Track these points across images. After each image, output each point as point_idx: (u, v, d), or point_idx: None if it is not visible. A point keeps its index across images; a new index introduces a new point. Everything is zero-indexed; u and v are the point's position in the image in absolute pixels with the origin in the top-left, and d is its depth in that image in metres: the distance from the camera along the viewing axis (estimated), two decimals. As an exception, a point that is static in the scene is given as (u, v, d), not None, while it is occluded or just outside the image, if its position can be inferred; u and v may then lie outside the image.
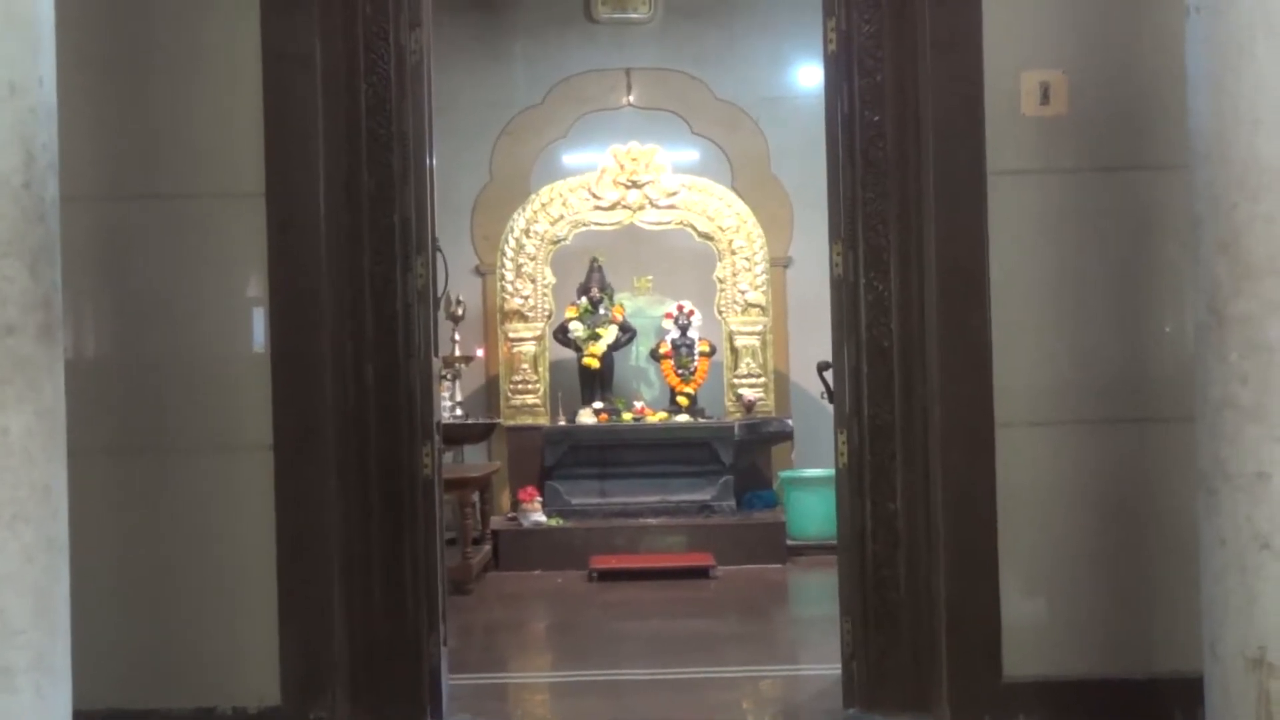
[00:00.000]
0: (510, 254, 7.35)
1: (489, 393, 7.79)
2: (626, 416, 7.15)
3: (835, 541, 3.38)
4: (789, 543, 6.72)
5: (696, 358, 7.34)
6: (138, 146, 2.96)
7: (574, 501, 6.84)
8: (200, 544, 2.95)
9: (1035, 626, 2.99)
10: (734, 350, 7.37)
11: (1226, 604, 2.17)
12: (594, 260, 7.43)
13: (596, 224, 7.40)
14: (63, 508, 1.92)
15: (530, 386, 7.30)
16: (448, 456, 6.80)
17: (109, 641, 2.89)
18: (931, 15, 3.03)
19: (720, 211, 7.40)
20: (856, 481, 3.24)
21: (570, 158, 7.85)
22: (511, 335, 7.33)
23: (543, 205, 7.39)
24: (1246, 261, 2.17)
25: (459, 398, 7.04)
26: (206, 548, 2.95)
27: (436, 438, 3.29)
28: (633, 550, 6.55)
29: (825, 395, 3.91)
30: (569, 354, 7.45)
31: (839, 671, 3.30)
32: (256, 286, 2.99)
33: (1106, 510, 2.99)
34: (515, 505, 6.86)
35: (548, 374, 7.36)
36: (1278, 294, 2.14)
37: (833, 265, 3.32)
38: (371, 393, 3.14)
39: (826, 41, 3.25)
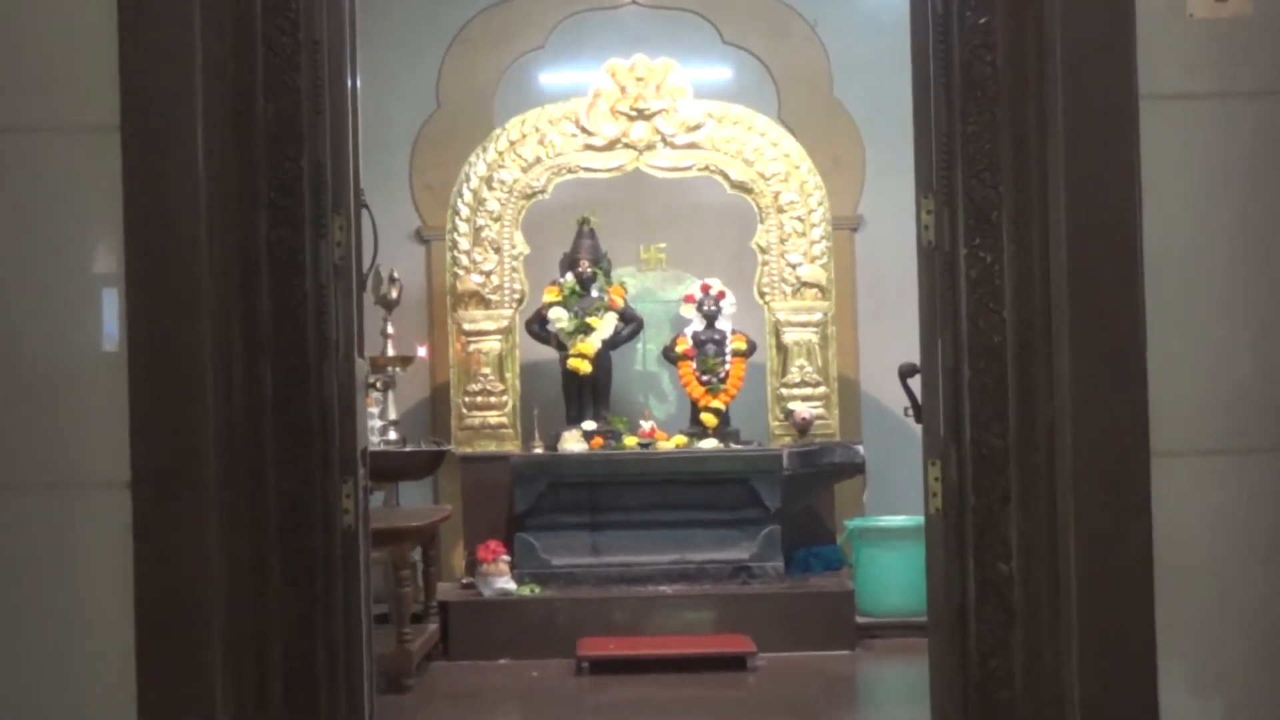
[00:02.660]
0: (465, 213, 7.36)
1: (435, 408, 7.81)
2: (629, 442, 7.16)
3: (924, 619, 3.38)
4: (859, 620, 6.73)
5: (729, 359, 7.36)
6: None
7: (555, 562, 6.85)
8: (24, 620, 2.95)
9: (1208, 739, 2.99)
10: (781, 348, 7.38)
11: None
12: (583, 221, 7.45)
13: (587, 170, 7.42)
14: None
15: (494, 399, 7.32)
16: (377, 498, 6.82)
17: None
18: (1060, -126, 3.03)
19: (762, 152, 7.41)
20: (955, 533, 3.23)
21: (550, 76, 7.88)
22: (468, 327, 7.34)
23: (511, 144, 7.41)
24: None
25: (393, 415, 7.06)
26: (33, 625, 2.95)
27: (362, 471, 3.29)
28: (638, 631, 6.56)
29: (910, 411, 3.90)
30: (548, 353, 7.47)
31: (930, 803, 3.30)
32: (107, 258, 2.99)
33: (1309, 574, 2.99)
34: (473, 567, 6.87)
35: (518, 382, 7.38)
36: None
37: (920, 228, 3.32)
38: (269, 408, 3.15)
39: (912, -88, 3.26)
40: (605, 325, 7.29)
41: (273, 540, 3.14)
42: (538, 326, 7.41)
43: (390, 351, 7.08)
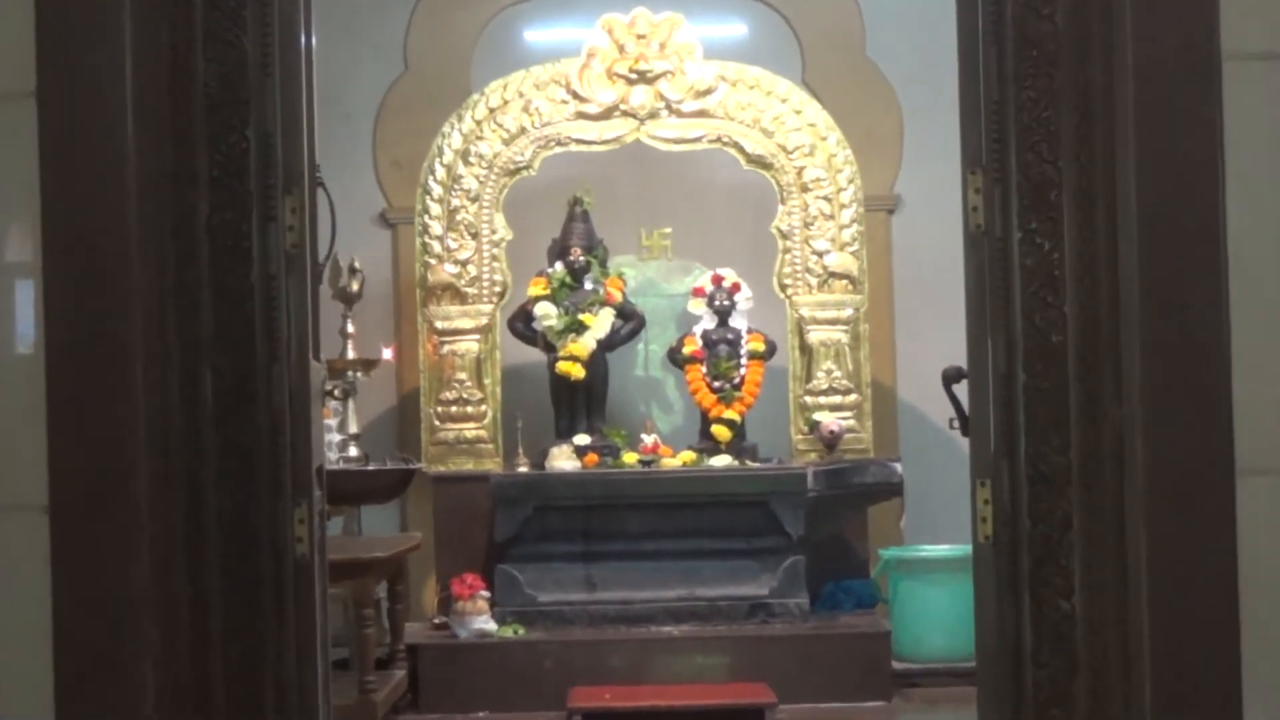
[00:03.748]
0: (438, 192, 7.37)
1: (403, 420, 7.81)
2: (629, 459, 7.16)
3: (972, 664, 3.37)
4: (897, 666, 6.72)
5: (744, 362, 7.36)
6: None
7: (543, 599, 6.85)
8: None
9: (1303, 804, 2.98)
10: (806, 349, 7.38)
11: None
12: (575, 202, 7.45)
13: (580, 143, 7.42)
14: None
15: (471, 410, 7.32)
16: (336, 524, 6.82)
17: None
18: None
19: (783, 122, 7.41)
20: (1008, 565, 3.23)
21: (537, 33, 7.88)
22: (441, 325, 7.35)
23: (491, 112, 7.41)
24: None
25: (354, 428, 7.06)
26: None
27: (318, 493, 3.29)
28: (639, 679, 6.56)
29: (956, 423, 3.90)
30: (535, 356, 7.47)
31: None
32: (21, 244, 2.99)
33: None
34: (446, 605, 6.87)
35: (499, 389, 7.38)
36: None
37: (968, 210, 3.32)
38: (210, 420, 3.14)
39: None
40: (601, 323, 7.29)
41: (214, 574, 3.14)
42: (522, 325, 7.40)
43: (351, 354, 7.08)
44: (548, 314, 7.26)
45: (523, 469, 7.15)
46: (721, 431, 7.26)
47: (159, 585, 3.06)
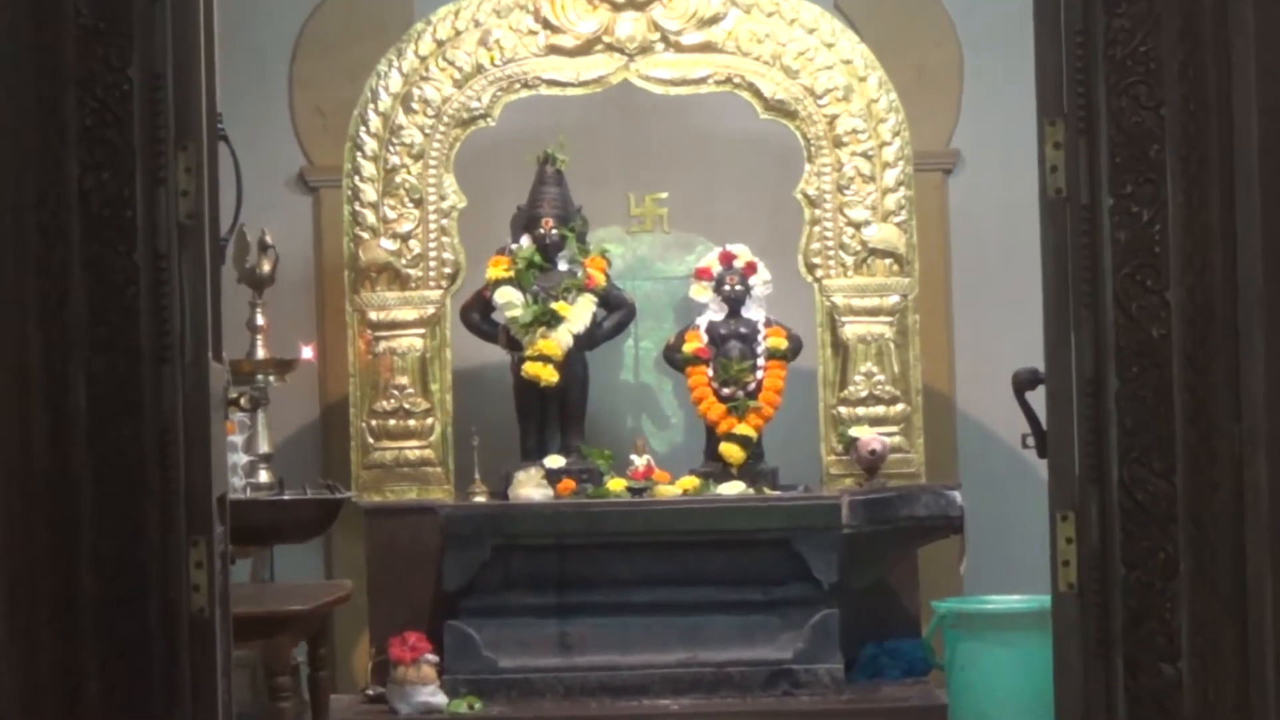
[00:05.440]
0: (371, 147, 7.36)
1: (328, 436, 7.78)
2: (614, 485, 7.14)
3: (1051, 746, 3.38)
4: (955, 749, 6.72)
5: (762, 363, 7.34)
6: None
7: (505, 664, 6.84)
8: None
9: None
10: (839, 347, 7.38)
11: None
12: (546, 160, 7.43)
13: (553, 85, 7.41)
14: None
15: (414, 423, 7.30)
16: (242, 568, 6.80)
17: None
18: None
19: (811, 58, 7.41)
20: (1096, 620, 3.23)
21: (497, -53, 7.86)
22: (376, 317, 7.33)
23: (439, 46, 7.40)
24: None
25: (265, 447, 7.04)
26: None
27: (219, 529, 3.28)
28: (628, 766, 6.55)
29: (1031, 441, 3.89)
30: (495, 356, 7.45)
31: None
32: None
33: None
34: (384, 671, 6.85)
35: (449, 398, 7.36)
36: None
37: (1045, 170, 3.32)
38: (83, 435, 3.14)
39: None
40: (578, 314, 7.27)
41: (86, 631, 3.13)
42: (479, 316, 7.38)
43: (261, 353, 7.06)
44: (512, 302, 7.25)
45: (480, 499, 7.13)
46: (732, 451, 7.24)
47: (18, 651, 3.05)
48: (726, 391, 7.30)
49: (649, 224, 7.82)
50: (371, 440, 7.29)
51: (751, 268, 7.41)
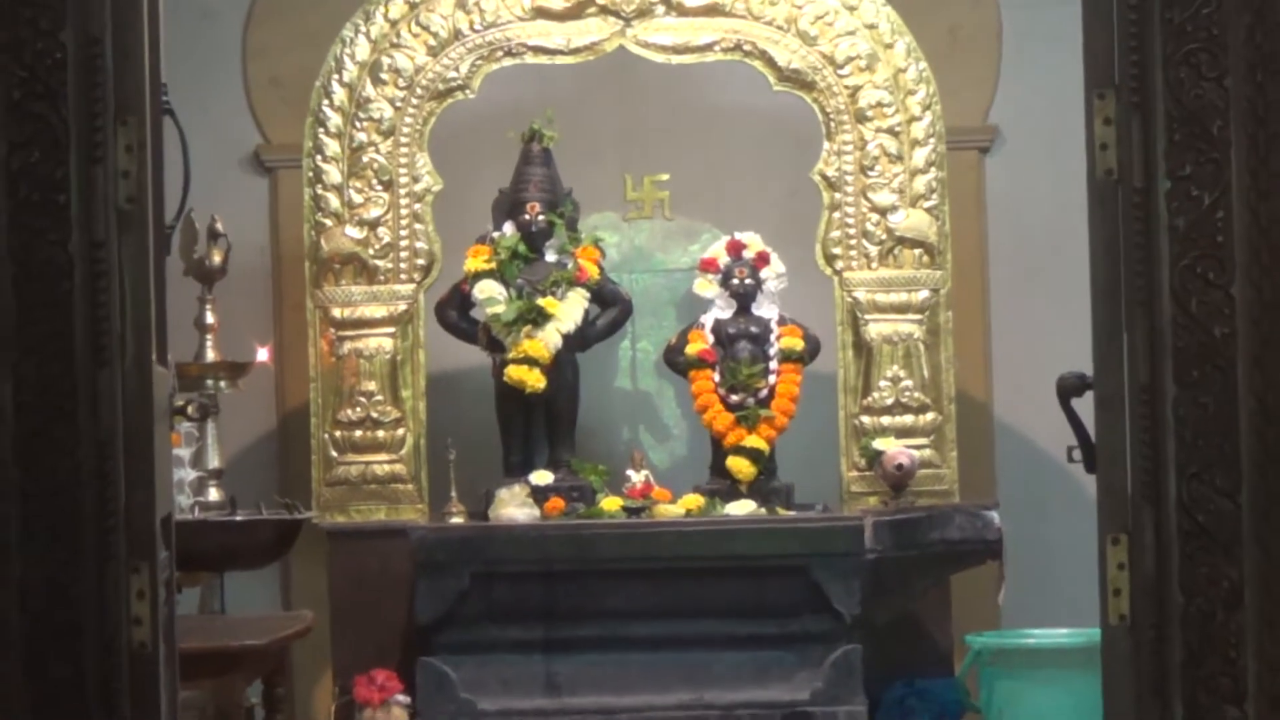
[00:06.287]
0: (336, 123, 7.36)
1: (285, 450, 7.78)
2: (608, 505, 7.15)
3: (1101, 800, 3.38)
4: (992, 802, 6.72)
5: (775, 367, 7.35)
6: None
7: (485, 706, 6.84)
8: None
9: None
10: (863, 349, 7.38)
11: None
12: (533, 137, 7.44)
13: (540, 52, 7.41)
14: None
15: (383, 434, 7.31)
16: (190, 598, 6.79)
17: None
18: None
19: (830, 22, 7.42)
20: (1152, 656, 3.23)
21: (477, -103, 7.86)
22: (340, 314, 7.34)
23: (412, 9, 7.41)
24: None
25: (216, 462, 7.05)
26: None
27: (164, 554, 3.28)
28: (624, 821, 6.56)
29: (1078, 455, 3.89)
30: (474, 358, 7.46)
31: None
32: None
33: None
34: (349, 713, 6.86)
35: (423, 405, 7.36)
36: None
37: (1094, 148, 3.32)
38: (10, 452, 3.14)
39: None
40: (569, 311, 7.28)
41: (13, 671, 3.13)
42: (457, 313, 7.39)
43: (211, 355, 7.07)
44: (493, 298, 7.25)
45: (457, 520, 7.14)
46: (742, 466, 7.25)
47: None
48: (735, 399, 7.31)
49: (648, 209, 7.84)
50: (335, 454, 7.30)
51: (763, 259, 7.41)
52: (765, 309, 7.43)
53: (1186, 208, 3.24)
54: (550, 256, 7.36)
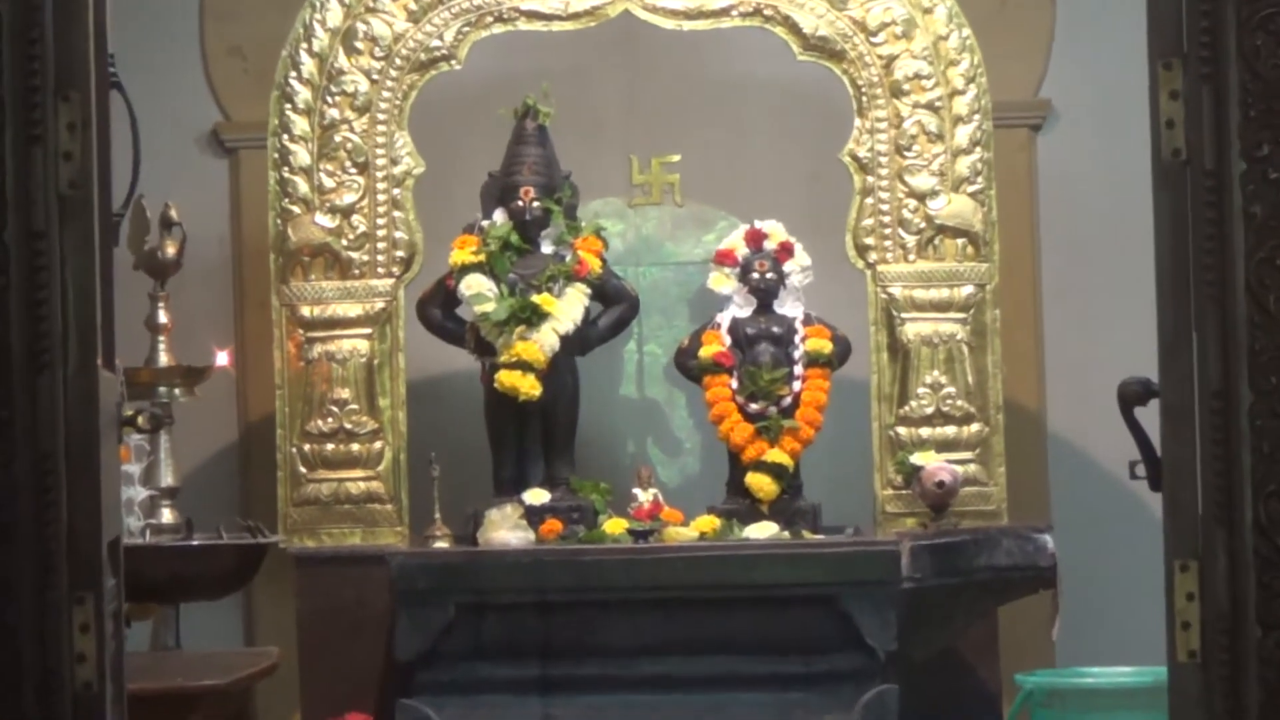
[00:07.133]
0: (304, 98, 7.38)
1: (248, 465, 7.80)
2: (612, 528, 7.16)
3: None
4: None
5: (800, 371, 7.35)
6: None
7: (474, 755, 6.85)
8: None
9: None
10: (898, 351, 7.39)
11: None
12: (527, 113, 7.45)
13: (534, 18, 7.42)
14: None
15: (359, 448, 7.32)
16: (141, 632, 6.80)
17: None
18: None
19: (861, -15, 7.43)
20: (1225, 697, 3.24)
21: None
22: (310, 313, 7.35)
23: (390, -30, 7.42)
24: None
25: (170, 479, 7.05)
26: None
27: (111, 582, 3.28)
28: None
29: (1142, 471, 3.89)
30: (462, 363, 7.47)
31: None
32: None
33: None
34: (319, 763, 6.87)
35: (403, 415, 7.37)
36: None
37: (1159, 125, 3.32)
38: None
39: None
40: (567, 309, 7.29)
41: (-57, 714, 3.14)
42: (441, 312, 7.40)
43: (165, 358, 7.07)
44: (482, 294, 7.26)
45: (441, 544, 7.15)
46: (763, 484, 7.26)
47: None
48: (755, 408, 7.32)
49: (656, 195, 7.85)
50: (304, 470, 7.31)
51: (786, 250, 7.43)
52: (789, 307, 7.44)
53: (1264, 192, 3.24)
54: (546, 248, 7.37)
